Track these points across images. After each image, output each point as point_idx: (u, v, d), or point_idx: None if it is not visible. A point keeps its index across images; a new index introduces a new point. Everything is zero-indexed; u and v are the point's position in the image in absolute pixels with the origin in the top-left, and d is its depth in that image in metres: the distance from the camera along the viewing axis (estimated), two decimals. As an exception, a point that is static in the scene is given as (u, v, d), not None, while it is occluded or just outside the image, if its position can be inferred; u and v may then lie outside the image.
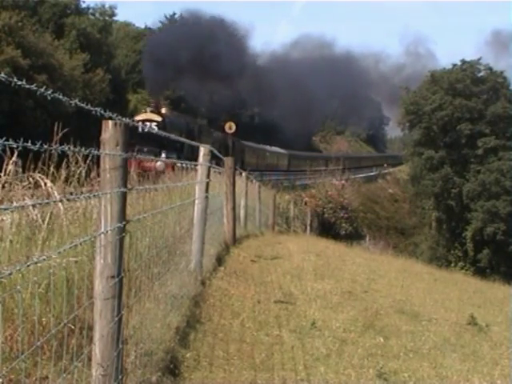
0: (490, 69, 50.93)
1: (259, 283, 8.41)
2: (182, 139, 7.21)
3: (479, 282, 20.14)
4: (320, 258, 12.90)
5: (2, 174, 4.68)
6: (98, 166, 3.39)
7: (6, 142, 2.23)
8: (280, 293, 8.01)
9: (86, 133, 13.00)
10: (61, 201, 4.43)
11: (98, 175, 3.49)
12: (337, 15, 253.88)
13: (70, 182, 5.11)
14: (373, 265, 14.24)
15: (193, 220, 7.51)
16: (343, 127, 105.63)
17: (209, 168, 7.70)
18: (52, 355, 2.97)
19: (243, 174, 16.22)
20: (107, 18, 52.17)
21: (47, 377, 3.25)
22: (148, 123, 23.66)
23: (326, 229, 29.61)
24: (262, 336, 5.88)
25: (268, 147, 51.28)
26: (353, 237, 30.57)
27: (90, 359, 3.25)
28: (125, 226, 3.37)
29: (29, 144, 2.36)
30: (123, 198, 3.33)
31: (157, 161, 17.90)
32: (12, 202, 4.27)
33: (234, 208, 12.14)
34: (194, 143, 8.12)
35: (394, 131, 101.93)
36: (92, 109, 2.90)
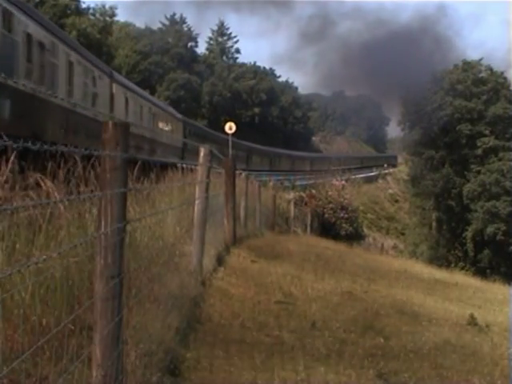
0: (491, 69, 51.03)
1: (259, 283, 8.40)
2: None
3: (479, 282, 20.11)
4: (320, 258, 12.91)
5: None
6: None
7: (6, 143, 2.23)
8: (280, 293, 8.00)
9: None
10: (61, 201, 4.43)
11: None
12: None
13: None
14: (373, 265, 14.25)
15: (193, 220, 7.50)
16: (343, 127, 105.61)
17: (209, 168, 7.69)
18: (52, 355, 2.97)
19: (243, 173, 16.19)
20: (107, 19, 52.26)
21: (47, 377, 3.24)
22: None
23: (326, 229, 29.55)
24: (262, 336, 5.88)
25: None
26: (353, 237, 30.52)
27: (90, 360, 3.25)
28: (125, 226, 3.36)
29: (29, 144, 2.36)
30: (123, 198, 3.33)
31: None
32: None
33: (234, 208, 12.13)
34: None
35: (394, 131, 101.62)
36: (92, 109, 2.90)
